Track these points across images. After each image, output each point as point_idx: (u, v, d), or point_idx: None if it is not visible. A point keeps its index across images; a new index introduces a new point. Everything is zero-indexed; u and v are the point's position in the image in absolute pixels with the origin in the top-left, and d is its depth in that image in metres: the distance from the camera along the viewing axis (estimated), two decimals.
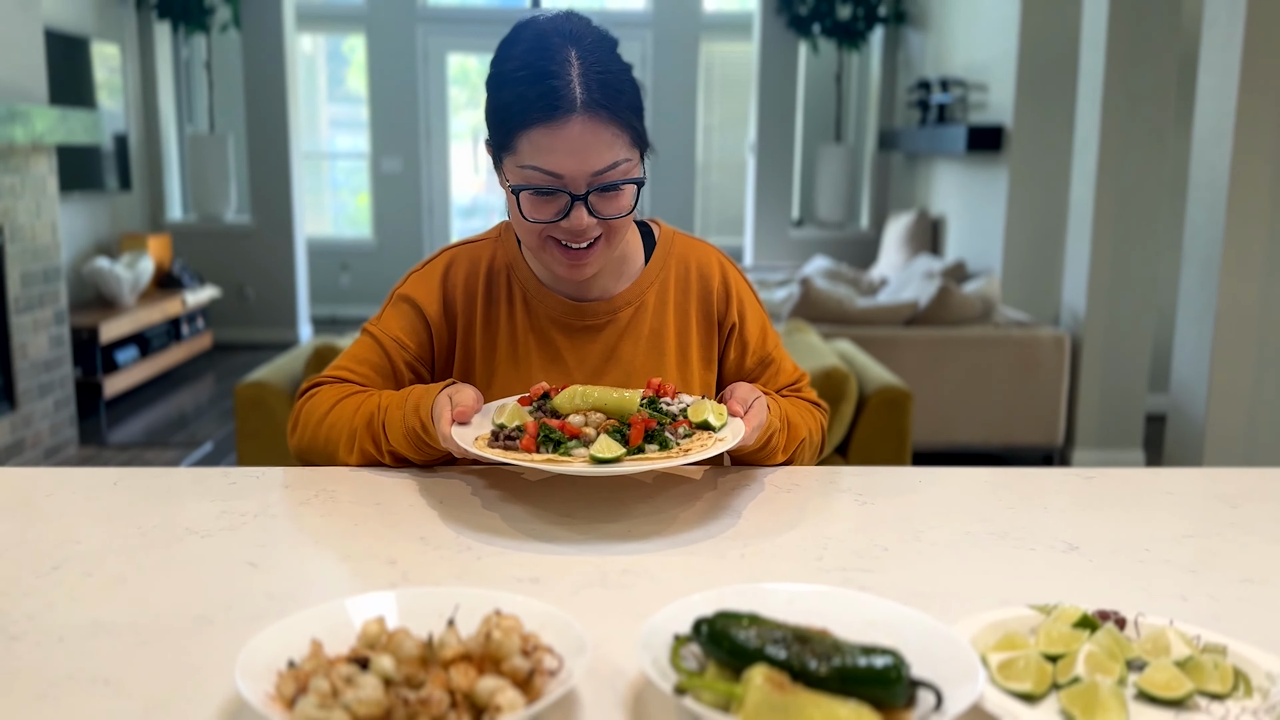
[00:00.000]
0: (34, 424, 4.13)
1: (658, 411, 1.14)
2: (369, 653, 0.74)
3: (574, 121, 1.14)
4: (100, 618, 0.86)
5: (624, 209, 1.20)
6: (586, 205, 1.17)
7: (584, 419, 1.11)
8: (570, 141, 1.14)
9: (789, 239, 6.78)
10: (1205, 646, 0.80)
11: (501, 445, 1.08)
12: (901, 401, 3.03)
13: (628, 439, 1.07)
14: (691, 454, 1.06)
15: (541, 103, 1.14)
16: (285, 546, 1.04)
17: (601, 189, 1.17)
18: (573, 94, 1.14)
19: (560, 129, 1.14)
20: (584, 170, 1.16)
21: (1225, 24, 3.14)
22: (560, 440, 1.08)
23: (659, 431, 1.09)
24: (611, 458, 1.04)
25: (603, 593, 0.93)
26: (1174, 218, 4.72)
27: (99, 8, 5.77)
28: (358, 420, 1.25)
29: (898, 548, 1.05)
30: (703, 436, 1.11)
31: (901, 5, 6.45)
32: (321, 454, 1.29)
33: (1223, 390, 3.27)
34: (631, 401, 1.12)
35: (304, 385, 1.34)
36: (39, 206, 4.17)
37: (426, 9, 7.36)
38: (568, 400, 1.13)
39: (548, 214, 1.18)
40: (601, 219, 1.19)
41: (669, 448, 1.07)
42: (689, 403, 1.18)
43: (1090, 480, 1.28)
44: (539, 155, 1.15)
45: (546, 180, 1.16)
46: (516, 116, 1.16)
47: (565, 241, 1.20)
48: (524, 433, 1.09)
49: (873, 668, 0.70)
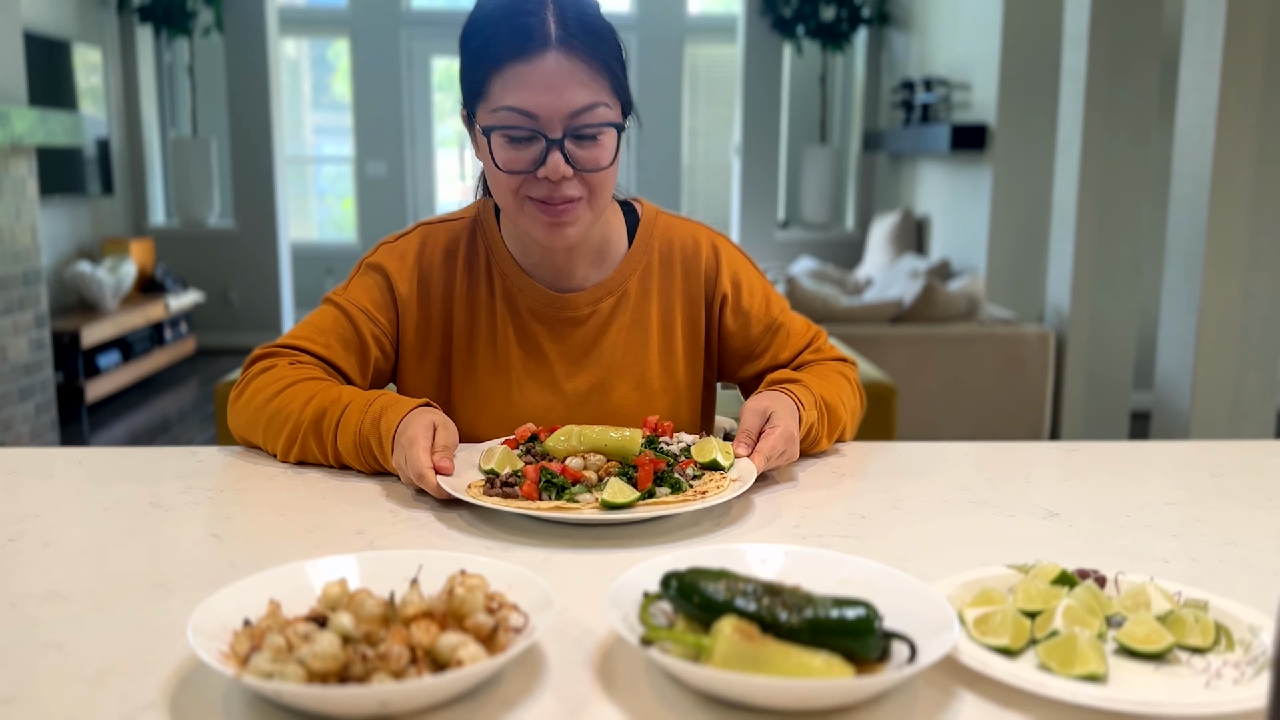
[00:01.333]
0: (14, 428, 4.09)
1: (659, 452, 1.09)
2: (329, 612, 0.72)
3: (549, 56, 1.08)
4: (56, 586, 0.84)
5: (603, 160, 1.13)
6: (563, 151, 1.10)
7: (583, 462, 1.05)
8: (544, 77, 1.08)
9: (775, 240, 6.78)
10: (1186, 602, 0.78)
11: (500, 493, 1.00)
12: (887, 397, 3.02)
13: (635, 481, 1.01)
14: (709, 497, 0.99)
15: (514, 38, 1.08)
16: (250, 518, 1.01)
17: (579, 135, 1.11)
18: (547, 29, 1.08)
19: (534, 64, 1.08)
20: (560, 109, 1.09)
21: (1206, 19, 3.15)
22: (564, 485, 1.01)
23: (668, 473, 1.03)
24: (624, 503, 0.97)
25: (573, 557, 0.91)
26: (1157, 215, 4.73)
27: (81, 11, 5.73)
28: (306, 414, 1.14)
29: (875, 515, 1.03)
30: (716, 477, 1.05)
31: (885, 6, 6.47)
32: (261, 439, 1.19)
33: (1207, 385, 3.27)
34: (633, 442, 1.06)
35: (256, 352, 1.24)
36: (18, 209, 4.13)
37: (410, 12, 7.35)
38: (562, 443, 1.07)
39: (522, 161, 1.12)
40: (580, 170, 1.12)
41: (681, 490, 1.01)
42: (688, 441, 1.13)
43: (1072, 452, 1.27)
44: (511, 93, 1.09)
45: (519, 120, 1.09)
46: (488, 56, 1.10)
47: (543, 199, 1.13)
48: (523, 479, 1.01)
49: (844, 619, 0.68)
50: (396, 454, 1.07)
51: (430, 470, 1.02)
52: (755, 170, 6.71)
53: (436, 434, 1.07)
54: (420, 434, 1.05)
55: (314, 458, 1.16)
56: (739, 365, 1.34)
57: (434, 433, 1.07)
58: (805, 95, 7.24)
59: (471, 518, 1.01)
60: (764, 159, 6.70)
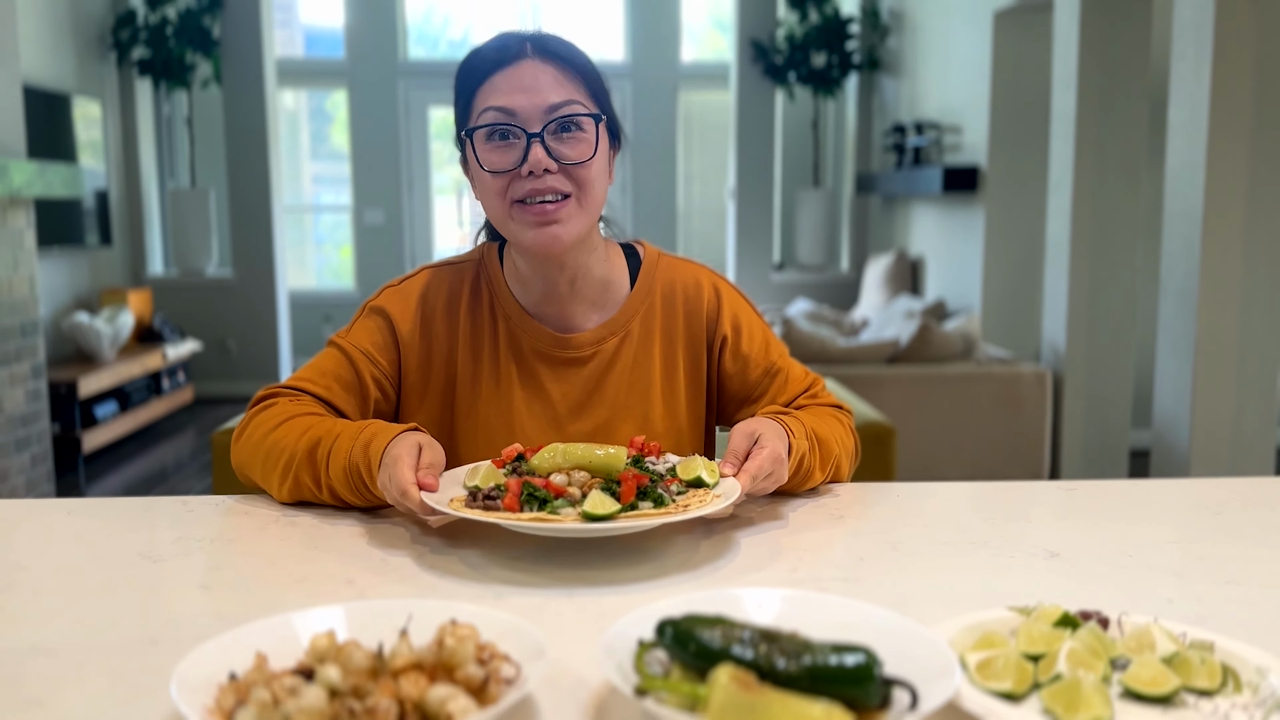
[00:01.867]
0: (10, 479, 4.06)
1: (645, 470, 1.08)
2: (316, 665, 0.70)
3: (525, 64, 1.17)
4: (39, 640, 0.82)
5: (585, 153, 1.17)
6: (544, 144, 1.15)
7: (567, 478, 1.04)
8: (521, 79, 1.16)
9: (771, 282, 6.80)
10: (1191, 643, 0.77)
11: (481, 505, 1.00)
12: (885, 438, 3.01)
13: (618, 496, 1.00)
14: (690, 509, 0.98)
15: (495, 54, 1.18)
16: (239, 569, 1.00)
17: (559, 129, 1.16)
18: (524, 46, 1.18)
19: (512, 70, 1.16)
20: (537, 104, 1.15)
21: (1193, 59, 3.19)
22: (546, 499, 1.00)
23: (651, 488, 1.02)
24: (605, 515, 0.96)
25: (567, 604, 0.90)
26: (1150, 253, 4.76)
27: (81, 65, 5.80)
28: (300, 446, 1.15)
29: (874, 557, 1.02)
30: (699, 493, 1.04)
31: (875, 52, 6.55)
32: (259, 474, 1.19)
33: (1205, 422, 3.26)
34: (618, 459, 1.05)
35: (260, 393, 1.26)
36: (16, 260, 4.15)
37: (407, 63, 7.44)
38: (546, 460, 1.06)
39: (506, 161, 1.16)
40: (564, 163, 1.16)
41: (664, 504, 1.00)
42: (675, 462, 1.12)
43: (1071, 492, 1.26)
44: (491, 97, 1.17)
45: (500, 117, 1.16)
46: (473, 76, 1.19)
47: (531, 198, 1.16)
48: (505, 492, 1.01)
49: (844, 666, 0.67)
50: (381, 474, 1.07)
51: (413, 486, 1.02)
52: (750, 213, 6.75)
53: (421, 453, 1.07)
54: (404, 453, 1.06)
55: (309, 491, 1.15)
56: (737, 408, 1.33)
57: (419, 452, 1.07)
58: (798, 139, 7.31)
59: (464, 564, 0.99)
60: (758, 202, 6.75)
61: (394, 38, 7.37)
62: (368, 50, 7.36)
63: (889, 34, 6.40)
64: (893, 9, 6.33)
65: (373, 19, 7.35)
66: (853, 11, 6.69)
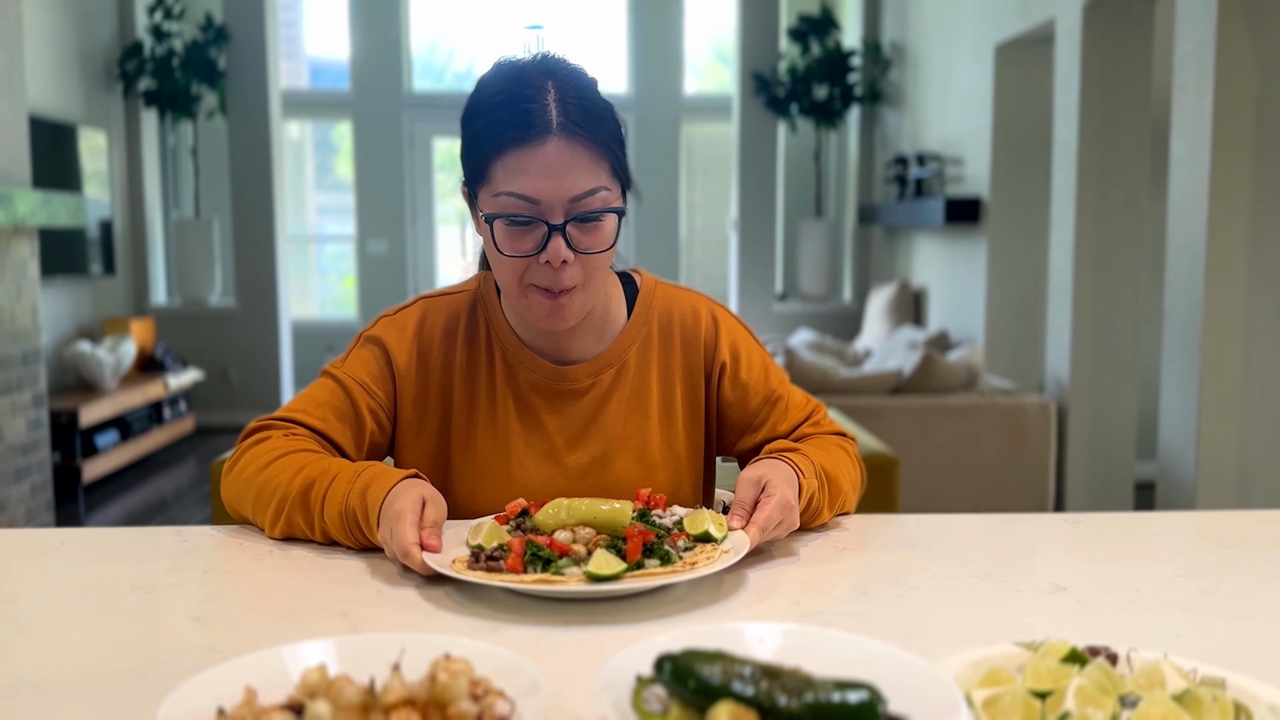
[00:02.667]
0: (9, 508, 4.04)
1: (651, 525, 1.06)
2: (306, 700, 0.68)
3: (550, 143, 1.09)
4: (26, 674, 0.81)
5: (604, 243, 1.13)
6: (565, 236, 1.10)
7: (572, 535, 1.02)
8: (546, 163, 1.09)
9: (773, 313, 6.80)
10: (1203, 680, 0.75)
11: (484, 567, 0.98)
12: (889, 468, 2.99)
13: (624, 554, 0.98)
14: (698, 568, 0.96)
15: (516, 125, 1.09)
16: (233, 600, 0.98)
17: (581, 219, 1.11)
18: (549, 116, 1.09)
19: (536, 151, 1.09)
20: (561, 194, 1.09)
21: (1195, 90, 3.20)
22: (550, 559, 0.98)
23: (658, 545, 1.00)
24: (610, 575, 0.94)
25: (564, 636, 0.88)
26: (1153, 283, 4.75)
27: (87, 96, 5.84)
28: (294, 486, 1.12)
29: (878, 591, 1.00)
30: (707, 549, 1.02)
31: (877, 85, 6.60)
32: (250, 510, 1.17)
33: (1211, 454, 3.23)
34: (623, 514, 1.03)
35: (251, 425, 1.23)
36: (19, 289, 4.15)
37: (412, 95, 7.50)
38: (551, 516, 1.04)
39: (525, 247, 1.12)
40: (581, 253, 1.12)
41: (671, 562, 0.98)
42: (682, 515, 1.11)
43: (1077, 525, 1.24)
44: (513, 179, 1.10)
45: (522, 207, 1.10)
46: (490, 142, 1.11)
47: (546, 286, 1.13)
48: (508, 552, 0.98)
49: (847, 703, 0.65)
50: (382, 528, 1.04)
51: (416, 547, 1.00)
52: (752, 244, 6.77)
53: (425, 509, 1.05)
54: (408, 509, 1.03)
55: (300, 532, 1.13)
56: (737, 437, 1.31)
57: (422, 507, 1.05)
58: (800, 171, 7.34)
59: (460, 596, 0.98)
60: (761, 233, 6.77)
61: (399, 70, 7.43)
62: (373, 82, 7.42)
63: (890, 66, 6.45)
64: (894, 42, 6.37)
65: (378, 51, 7.41)
66: (854, 44, 6.74)
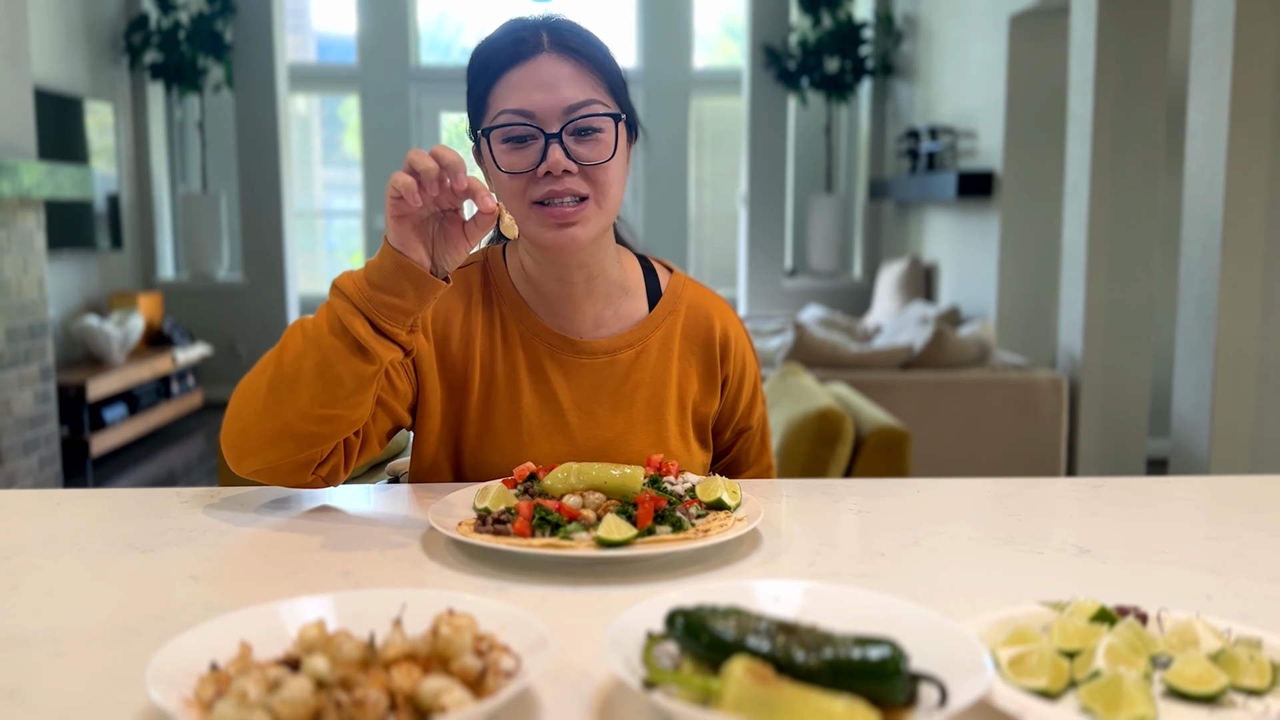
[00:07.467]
0: (18, 481, 4.04)
1: (663, 491, 1.03)
2: (304, 655, 0.66)
3: (542, 59, 1.12)
4: (17, 630, 0.78)
5: (604, 154, 1.13)
6: (562, 144, 1.11)
7: (581, 500, 0.99)
8: (539, 76, 1.11)
9: (783, 289, 6.75)
10: (1238, 640, 0.72)
11: (490, 530, 0.95)
12: (899, 442, 2.96)
13: (635, 520, 0.95)
14: (711, 535, 0.93)
15: (510, 49, 1.13)
16: (232, 559, 0.96)
17: (577, 131, 1.11)
18: (540, 39, 1.13)
19: (529, 67, 1.12)
20: (555, 105, 1.11)
21: (1214, 60, 3.14)
22: (559, 523, 0.95)
23: (669, 511, 0.97)
24: (620, 540, 0.91)
25: (572, 595, 0.85)
26: (1168, 257, 4.69)
27: (93, 69, 5.80)
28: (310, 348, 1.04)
29: (895, 553, 0.97)
30: (720, 516, 0.99)
31: (889, 57, 6.51)
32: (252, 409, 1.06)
33: (1225, 429, 3.19)
34: (634, 479, 1.00)
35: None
36: (25, 262, 4.13)
37: (419, 69, 7.44)
38: (560, 480, 1.01)
39: (524, 163, 1.12)
40: (582, 164, 1.12)
41: (683, 529, 0.95)
42: (695, 482, 1.08)
43: (1098, 488, 1.21)
44: (508, 97, 1.12)
45: (516, 120, 1.11)
46: (487, 71, 1.14)
47: (549, 200, 1.12)
48: (516, 515, 0.96)
49: (868, 660, 0.62)
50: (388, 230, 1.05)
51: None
52: (762, 219, 6.71)
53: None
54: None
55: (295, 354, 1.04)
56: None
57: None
58: (810, 145, 7.27)
59: (465, 558, 0.95)
60: (770, 208, 6.71)
61: (406, 44, 7.37)
62: (380, 56, 7.36)
63: (903, 39, 6.36)
64: (907, 14, 6.29)
65: (385, 25, 7.34)
66: (866, 16, 6.65)
